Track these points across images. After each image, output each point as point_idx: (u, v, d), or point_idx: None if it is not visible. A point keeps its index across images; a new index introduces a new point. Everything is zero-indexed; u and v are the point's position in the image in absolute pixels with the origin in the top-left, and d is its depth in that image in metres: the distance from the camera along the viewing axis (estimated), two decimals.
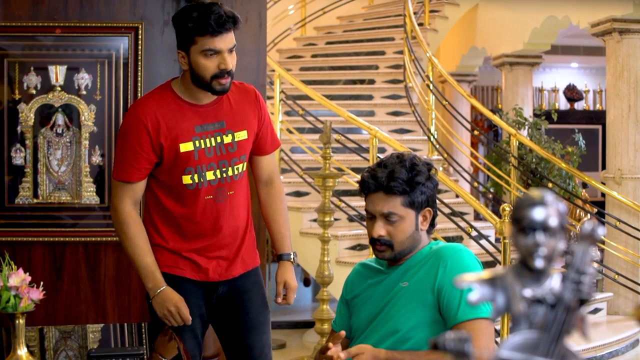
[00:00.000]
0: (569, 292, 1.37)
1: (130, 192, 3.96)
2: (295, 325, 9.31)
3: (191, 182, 3.96)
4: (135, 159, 3.92)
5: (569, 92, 18.46)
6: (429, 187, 3.34)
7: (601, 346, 7.67)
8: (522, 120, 10.35)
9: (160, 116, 3.93)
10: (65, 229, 5.66)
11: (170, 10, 5.74)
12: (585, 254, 1.37)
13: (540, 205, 1.43)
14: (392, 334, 3.26)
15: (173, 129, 3.93)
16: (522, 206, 1.45)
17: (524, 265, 1.45)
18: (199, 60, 3.84)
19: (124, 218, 3.96)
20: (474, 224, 8.05)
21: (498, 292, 1.42)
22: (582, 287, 1.36)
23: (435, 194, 3.42)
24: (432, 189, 3.37)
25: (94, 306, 5.70)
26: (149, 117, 3.92)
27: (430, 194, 3.35)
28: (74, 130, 5.64)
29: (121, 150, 3.97)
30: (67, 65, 5.65)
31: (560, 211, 1.44)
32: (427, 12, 11.92)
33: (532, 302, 1.41)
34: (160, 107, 3.96)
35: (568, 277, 1.38)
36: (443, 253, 3.28)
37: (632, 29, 9.08)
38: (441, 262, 3.24)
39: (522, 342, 1.35)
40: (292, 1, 13.26)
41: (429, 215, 3.39)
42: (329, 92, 10.52)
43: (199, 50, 3.83)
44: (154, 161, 3.94)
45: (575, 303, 1.38)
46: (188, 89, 3.98)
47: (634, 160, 9.16)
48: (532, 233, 1.43)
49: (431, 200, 3.37)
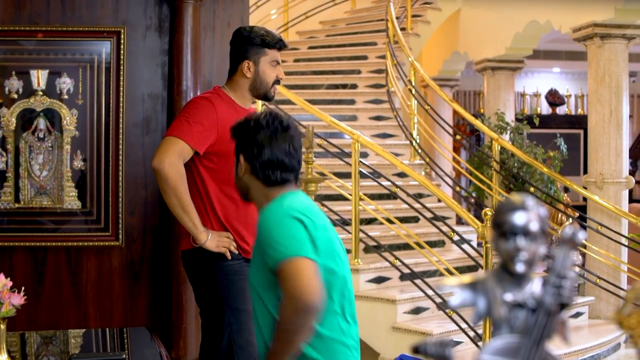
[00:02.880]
0: (550, 297, 1.37)
1: (183, 153, 4.40)
2: None
3: None
4: (203, 126, 4.43)
5: (550, 96, 18.51)
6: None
7: (583, 350, 7.69)
8: (504, 124, 10.37)
9: (225, 111, 4.53)
10: (46, 233, 5.64)
11: (152, 15, 5.73)
12: (566, 258, 1.37)
13: (521, 210, 1.43)
14: None
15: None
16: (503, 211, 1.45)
17: (505, 270, 1.45)
18: (266, 69, 4.59)
19: (183, 175, 4.38)
20: (456, 228, 8.04)
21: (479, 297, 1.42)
22: (563, 292, 1.36)
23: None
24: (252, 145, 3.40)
25: (76, 311, 5.68)
26: (219, 108, 4.52)
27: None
28: (56, 135, 5.62)
29: (192, 116, 4.47)
30: (49, 70, 5.63)
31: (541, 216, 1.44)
32: (409, 17, 11.93)
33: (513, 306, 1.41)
34: (225, 103, 4.58)
35: (549, 282, 1.39)
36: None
37: (613, 33, 9.11)
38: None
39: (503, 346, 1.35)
40: (274, 6, 13.25)
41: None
42: (311, 96, 10.52)
43: (268, 60, 4.59)
44: (211, 142, 4.44)
45: (556, 307, 1.38)
46: (238, 95, 4.66)
47: (616, 165, 9.19)
48: (513, 237, 1.44)
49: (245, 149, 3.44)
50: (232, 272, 4.51)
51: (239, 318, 4.48)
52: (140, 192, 5.74)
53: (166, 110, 5.71)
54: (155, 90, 5.76)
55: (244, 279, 4.53)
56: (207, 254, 4.47)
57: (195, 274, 4.59)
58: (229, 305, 4.47)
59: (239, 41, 4.65)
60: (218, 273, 4.51)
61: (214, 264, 4.50)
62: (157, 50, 5.77)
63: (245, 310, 4.50)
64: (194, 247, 4.49)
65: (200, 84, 5.67)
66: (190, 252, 4.55)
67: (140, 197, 5.74)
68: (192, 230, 4.43)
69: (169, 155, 4.33)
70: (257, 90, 4.64)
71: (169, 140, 4.38)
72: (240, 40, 4.64)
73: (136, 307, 5.77)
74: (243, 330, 4.49)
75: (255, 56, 4.59)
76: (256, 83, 4.62)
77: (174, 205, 4.39)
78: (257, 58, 4.59)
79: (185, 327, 5.65)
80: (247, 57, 4.60)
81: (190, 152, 4.40)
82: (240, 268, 4.51)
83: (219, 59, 5.76)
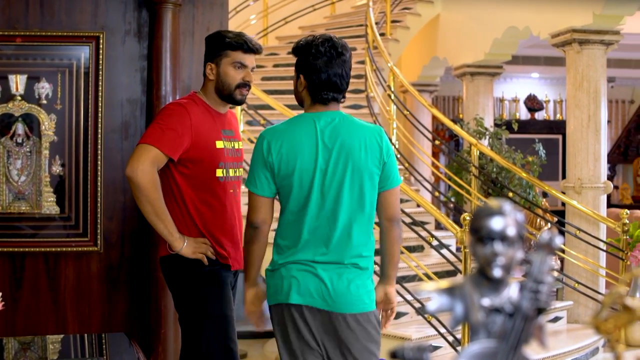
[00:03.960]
0: (527, 301, 1.38)
1: (156, 160, 4.36)
2: (256, 335, 9.27)
3: (222, 175, 4.57)
4: (176, 132, 4.40)
5: (529, 102, 18.56)
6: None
7: (561, 354, 7.70)
8: (482, 130, 10.38)
9: (200, 116, 4.53)
10: (25, 239, 5.62)
11: (131, 20, 5.73)
12: (543, 263, 1.38)
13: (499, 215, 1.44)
14: None
15: (210, 129, 4.56)
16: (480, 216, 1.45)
17: (482, 275, 1.46)
18: (228, 70, 4.57)
19: (156, 181, 4.36)
20: (435, 233, 8.05)
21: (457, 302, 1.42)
22: (540, 296, 1.37)
23: (308, 66, 4.07)
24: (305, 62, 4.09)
25: (54, 317, 5.66)
26: (193, 113, 4.50)
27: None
28: (34, 140, 5.60)
29: (166, 122, 4.43)
30: (27, 75, 5.62)
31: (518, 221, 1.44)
32: (388, 22, 11.94)
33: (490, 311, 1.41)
34: (199, 108, 4.57)
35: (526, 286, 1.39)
36: None
37: (591, 39, 9.14)
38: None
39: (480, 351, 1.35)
40: (253, 11, 13.24)
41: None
42: (291, 101, 10.45)
43: (230, 62, 4.57)
44: (185, 148, 4.43)
45: (533, 312, 1.38)
46: (211, 99, 4.65)
47: (594, 170, 9.21)
48: (490, 243, 1.44)
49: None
50: (210, 279, 4.51)
51: (218, 324, 4.48)
52: (119, 197, 5.73)
53: (145, 115, 5.70)
54: (134, 96, 5.75)
55: (222, 284, 4.53)
56: (184, 260, 4.47)
57: (174, 280, 4.59)
58: (207, 311, 4.47)
59: (206, 44, 4.69)
60: (196, 279, 4.50)
61: (192, 270, 4.49)
62: (136, 55, 5.76)
63: (224, 317, 4.50)
64: (171, 253, 4.49)
65: (180, 89, 5.67)
66: (168, 258, 4.55)
67: (118, 202, 5.73)
68: (167, 237, 4.44)
69: (142, 162, 4.31)
70: (221, 93, 4.63)
71: (141, 147, 4.36)
72: (207, 43, 4.68)
73: (115, 313, 5.76)
74: (221, 336, 4.48)
75: (217, 58, 4.59)
76: (219, 85, 4.61)
77: (148, 212, 4.38)
78: (218, 60, 4.59)
79: (164, 332, 5.65)
80: (209, 60, 4.63)
81: (164, 159, 4.39)
82: (219, 274, 4.51)
83: (198, 64, 5.75)
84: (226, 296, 4.58)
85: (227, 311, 4.56)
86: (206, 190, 4.52)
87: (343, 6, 14.22)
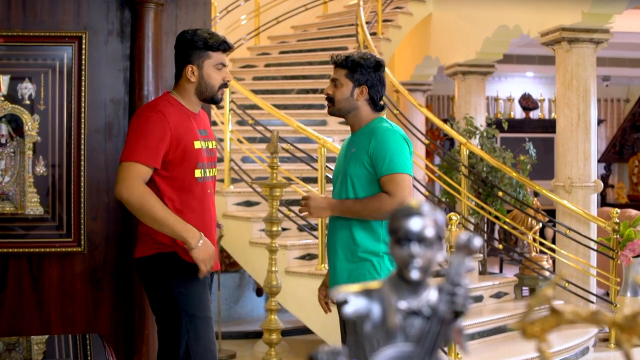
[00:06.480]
0: (444, 304, 1.36)
1: (143, 176, 4.36)
2: (246, 335, 9.27)
3: (200, 176, 4.54)
4: (155, 139, 4.37)
5: (524, 101, 18.55)
6: (369, 74, 4.63)
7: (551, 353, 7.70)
8: (472, 129, 10.36)
9: (176, 117, 4.49)
10: (8, 240, 5.60)
11: (114, 20, 5.71)
12: (461, 265, 1.36)
13: (417, 215, 1.41)
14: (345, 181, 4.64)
15: (188, 129, 4.52)
16: (398, 216, 1.43)
17: (400, 277, 1.44)
18: (211, 72, 4.56)
19: (144, 193, 4.33)
20: None
21: (374, 304, 1.40)
22: (457, 299, 1.35)
23: (377, 82, 4.67)
24: (373, 77, 4.64)
25: (38, 317, 5.65)
26: (170, 116, 4.45)
27: (369, 78, 4.63)
28: (18, 141, 5.59)
29: (144, 137, 4.37)
30: (10, 75, 5.60)
31: (437, 222, 1.42)
32: (380, 22, 11.95)
33: (408, 314, 1.39)
34: (175, 109, 4.52)
35: (443, 289, 1.37)
36: (377, 130, 4.56)
37: (580, 38, 9.15)
38: (374, 135, 4.53)
39: (396, 355, 1.34)
40: (245, 11, 13.22)
41: (365, 91, 4.64)
42: (282, 101, 10.53)
43: (212, 64, 4.56)
44: (165, 151, 4.41)
45: (450, 315, 1.37)
46: (186, 100, 4.60)
47: (584, 169, 9.22)
48: (407, 244, 1.42)
49: (369, 83, 4.64)
50: (189, 279, 4.49)
51: (196, 325, 4.47)
52: (103, 198, 5.71)
53: (128, 116, 5.68)
54: (117, 96, 5.73)
55: (201, 285, 4.53)
56: (163, 261, 4.46)
57: (151, 281, 4.57)
58: (186, 312, 4.46)
59: (182, 45, 4.61)
60: (175, 280, 4.49)
61: (171, 271, 4.48)
62: (119, 55, 5.75)
63: (203, 317, 4.49)
64: (148, 255, 4.49)
65: (162, 89, 5.65)
66: (145, 259, 4.54)
67: (102, 203, 5.72)
68: (182, 236, 4.38)
69: (127, 181, 4.31)
70: (202, 95, 4.60)
71: (126, 167, 4.35)
72: (183, 45, 4.60)
73: (99, 314, 5.75)
74: (200, 337, 4.48)
75: (199, 60, 4.55)
76: (201, 87, 4.57)
77: (152, 223, 4.38)
78: (200, 62, 4.55)
79: (148, 333, 5.64)
80: (190, 62, 4.56)
81: (148, 171, 4.38)
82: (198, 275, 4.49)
83: None
84: (205, 297, 4.57)
85: (206, 312, 4.55)
86: (186, 192, 4.50)
87: (335, 5, 14.22)
